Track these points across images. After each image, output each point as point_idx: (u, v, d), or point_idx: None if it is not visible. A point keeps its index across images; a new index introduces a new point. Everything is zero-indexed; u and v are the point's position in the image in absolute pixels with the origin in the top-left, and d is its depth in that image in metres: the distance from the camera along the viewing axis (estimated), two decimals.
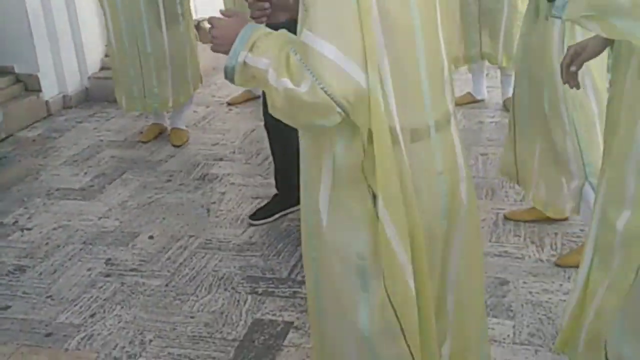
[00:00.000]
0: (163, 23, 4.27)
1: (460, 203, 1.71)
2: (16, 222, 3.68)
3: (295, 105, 1.47)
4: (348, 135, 1.54)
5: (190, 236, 3.44)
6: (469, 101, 4.93)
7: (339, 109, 1.44)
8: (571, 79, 2.06)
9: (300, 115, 1.50)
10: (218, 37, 1.62)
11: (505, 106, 4.69)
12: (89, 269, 3.21)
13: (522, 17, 3.34)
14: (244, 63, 1.55)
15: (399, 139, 1.55)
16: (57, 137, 4.81)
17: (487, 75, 5.17)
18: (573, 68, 2.03)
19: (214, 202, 3.77)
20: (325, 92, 1.42)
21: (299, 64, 1.45)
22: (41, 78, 5.17)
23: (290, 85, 1.45)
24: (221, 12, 1.71)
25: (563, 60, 2.07)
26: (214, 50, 1.64)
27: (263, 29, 1.59)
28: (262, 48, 1.53)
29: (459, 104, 4.88)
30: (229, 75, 1.59)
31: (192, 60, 4.50)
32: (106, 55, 5.42)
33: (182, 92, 4.47)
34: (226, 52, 1.58)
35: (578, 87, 2.09)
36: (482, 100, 4.95)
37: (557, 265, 3.01)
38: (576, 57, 2.03)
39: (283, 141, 3.39)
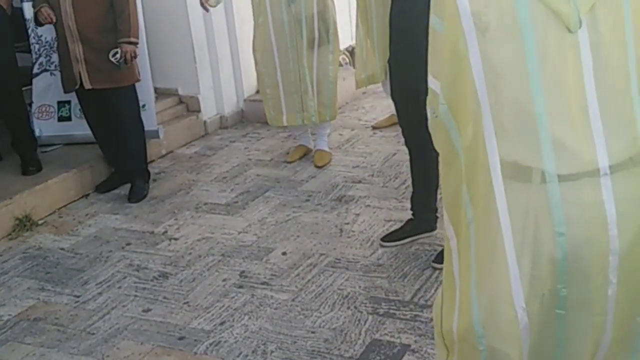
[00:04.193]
0: (304, 46, 4.47)
1: (603, 278, 1.53)
2: (166, 232, 3.97)
3: None
4: None
5: (321, 254, 3.54)
6: None
7: None
8: None
9: None
10: None
11: None
12: (224, 280, 3.40)
13: None
14: None
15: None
16: (210, 154, 5.13)
17: None
18: None
19: (348, 223, 3.85)
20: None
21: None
22: (201, 100, 5.56)
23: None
24: None
25: None
26: None
27: None
28: None
29: None
30: None
31: (321, 84, 4.60)
32: None
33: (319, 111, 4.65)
34: None
35: None
36: None
37: None
38: None
39: (423, 163, 3.39)
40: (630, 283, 1.54)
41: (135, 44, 4.18)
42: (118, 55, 4.12)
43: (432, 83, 1.59)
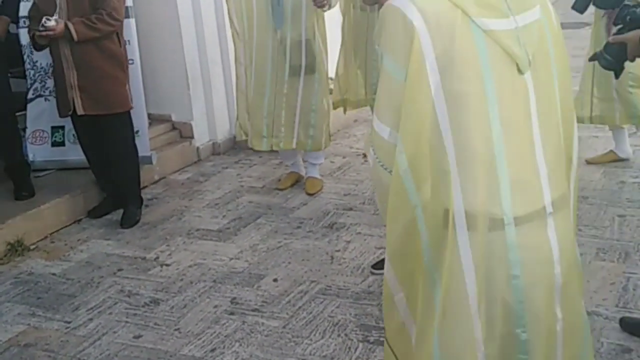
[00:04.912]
0: (286, 73, 4.49)
1: (552, 316, 1.58)
2: (157, 257, 3.98)
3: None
4: None
5: (312, 281, 3.56)
6: (611, 160, 4.75)
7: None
8: None
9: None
10: None
11: None
12: (215, 306, 3.41)
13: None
14: None
15: (456, 224, 1.52)
16: (203, 181, 5.16)
17: (636, 133, 5.01)
18: None
19: (339, 250, 3.88)
20: (385, 168, 1.59)
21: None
22: (194, 126, 5.60)
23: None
24: None
25: None
26: None
27: None
28: None
29: (599, 162, 4.72)
30: None
31: (304, 113, 4.60)
32: None
33: (303, 140, 4.65)
34: None
35: None
36: (627, 160, 4.75)
37: None
38: None
39: None
40: (569, 316, 1.59)
41: (70, 37, 4.01)
42: (51, 24, 3.92)
43: (379, 127, 1.57)
